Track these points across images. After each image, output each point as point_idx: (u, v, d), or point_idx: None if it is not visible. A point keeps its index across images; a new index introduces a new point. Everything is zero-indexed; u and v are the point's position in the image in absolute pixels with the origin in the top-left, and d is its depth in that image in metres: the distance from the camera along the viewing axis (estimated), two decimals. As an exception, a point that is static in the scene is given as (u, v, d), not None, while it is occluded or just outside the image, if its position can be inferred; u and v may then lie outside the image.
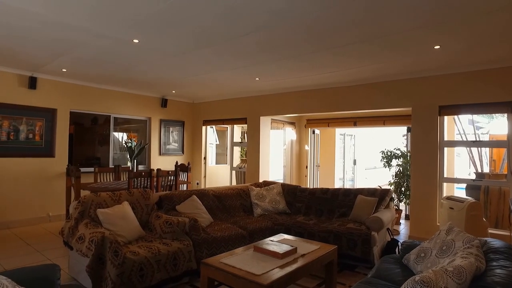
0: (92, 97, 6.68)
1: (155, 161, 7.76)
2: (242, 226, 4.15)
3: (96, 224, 3.21)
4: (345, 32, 3.53)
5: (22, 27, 3.67)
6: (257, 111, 7.38)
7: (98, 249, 2.84)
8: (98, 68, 5.44)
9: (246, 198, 4.99)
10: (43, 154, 5.97)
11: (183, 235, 3.45)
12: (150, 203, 3.85)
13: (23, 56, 4.82)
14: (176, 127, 8.32)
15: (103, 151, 7.30)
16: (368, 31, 3.49)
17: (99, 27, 3.55)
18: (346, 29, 3.43)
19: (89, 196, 3.39)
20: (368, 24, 3.30)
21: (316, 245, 3.23)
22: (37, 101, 5.91)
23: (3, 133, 5.52)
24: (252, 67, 5.08)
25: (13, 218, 5.60)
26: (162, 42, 4.02)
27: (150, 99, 7.74)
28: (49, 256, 4.18)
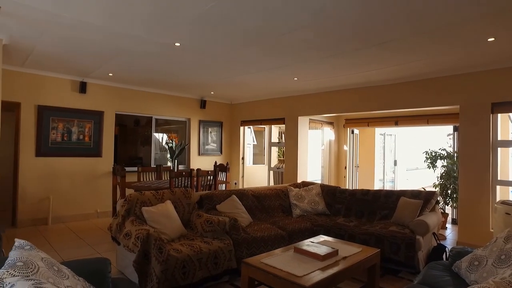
0: (135, 99, 6.99)
1: (194, 161, 7.96)
2: (281, 227, 4.14)
3: (141, 221, 3.35)
4: (395, 26, 3.36)
5: (79, 38, 3.95)
6: (295, 111, 7.33)
7: (143, 245, 2.96)
8: (141, 72, 5.68)
9: (285, 198, 4.97)
10: (92, 154, 6.34)
11: (223, 234, 3.50)
12: (191, 202, 3.95)
13: (76, 63, 5.16)
14: (215, 127, 8.48)
15: (145, 151, 7.61)
16: (419, 24, 3.29)
17: (145, 33, 3.71)
18: (396, 23, 3.26)
19: (135, 195, 3.54)
20: (421, 16, 3.11)
21: (358, 247, 3.15)
22: (87, 104, 6.28)
23: (58, 134, 5.93)
24: (292, 66, 5.05)
25: (66, 213, 6.00)
26: (203, 45, 4.11)
27: (190, 101, 7.95)
28: (98, 250, 4.42)
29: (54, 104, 5.89)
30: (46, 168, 5.81)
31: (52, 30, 3.75)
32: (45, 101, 5.81)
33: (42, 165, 5.77)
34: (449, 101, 5.16)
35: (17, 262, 1.66)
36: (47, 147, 5.83)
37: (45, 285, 1.50)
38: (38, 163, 5.74)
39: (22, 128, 5.61)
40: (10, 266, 1.61)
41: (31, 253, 1.84)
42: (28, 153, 5.65)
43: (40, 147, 5.74)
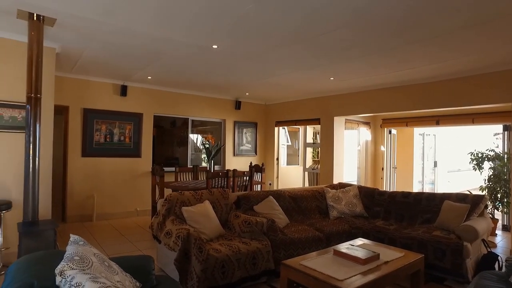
0: (173, 101, 7.19)
1: (230, 162, 8.06)
2: (319, 229, 4.09)
3: (181, 221, 3.44)
4: (442, 20, 3.19)
5: (122, 43, 4.14)
6: (330, 111, 7.22)
7: (184, 244, 3.03)
8: (178, 74, 5.84)
9: (322, 200, 4.90)
10: (132, 154, 6.60)
11: (261, 235, 3.51)
12: (229, 203, 4.00)
13: (118, 68, 5.40)
14: (249, 128, 8.54)
15: (181, 152, 7.80)
16: (470, 16, 3.08)
17: (184, 37, 3.81)
18: (444, 16, 3.09)
19: (175, 195, 3.65)
20: (473, 7, 2.91)
21: (400, 252, 3.04)
22: (127, 107, 6.55)
23: (101, 136, 6.24)
24: (328, 66, 4.98)
25: (109, 211, 6.29)
26: (239, 46, 4.15)
27: (225, 102, 8.06)
28: (139, 247, 4.59)
29: (97, 107, 6.20)
30: (90, 167, 6.12)
31: (98, 38, 3.95)
32: (89, 104, 6.13)
33: (87, 165, 6.09)
34: (500, 98, 4.84)
35: (74, 256, 1.76)
36: (92, 147, 6.14)
37: (100, 280, 1.58)
38: (84, 163, 6.06)
39: (70, 130, 5.96)
40: (69, 260, 1.71)
41: (85, 248, 1.94)
42: (75, 153, 5.99)
43: (85, 148, 6.07)
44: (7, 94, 3.94)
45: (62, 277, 1.61)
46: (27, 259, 1.88)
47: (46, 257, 1.95)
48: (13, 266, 1.83)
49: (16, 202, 3.88)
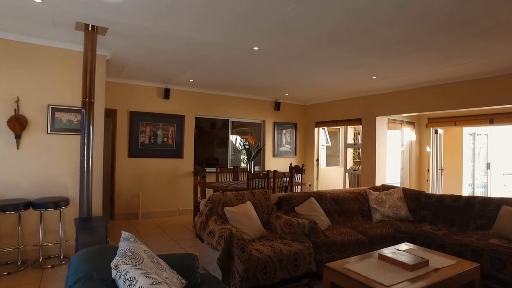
0: (213, 103, 7.35)
1: (269, 163, 8.08)
2: (362, 232, 3.99)
3: (223, 221, 3.50)
4: (500, 10, 2.96)
5: (166, 48, 4.30)
6: (372, 111, 7.01)
7: (226, 244, 3.09)
8: (219, 77, 5.96)
9: (364, 202, 4.77)
10: (174, 155, 6.83)
11: (303, 236, 3.49)
12: (270, 204, 4.01)
13: (161, 72, 5.62)
14: (289, 129, 8.52)
15: (221, 153, 7.94)
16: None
17: (226, 40, 3.89)
18: (503, 4, 2.89)
19: (217, 195, 3.72)
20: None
21: (451, 259, 2.88)
22: (170, 109, 6.79)
23: (146, 137, 6.52)
24: (371, 64, 4.84)
25: (153, 210, 6.56)
26: (281, 48, 4.16)
27: (264, 103, 8.10)
28: (183, 245, 4.74)
29: (142, 109, 6.49)
30: (136, 168, 6.42)
31: (144, 44, 4.14)
32: (135, 107, 6.43)
33: (133, 165, 6.40)
34: None
35: (127, 252, 1.85)
36: (137, 148, 6.44)
37: (152, 275, 1.65)
38: (130, 163, 6.37)
39: (118, 132, 6.29)
40: (122, 255, 1.81)
41: (136, 245, 2.04)
42: (122, 154, 6.31)
43: (131, 149, 6.37)
44: (65, 100, 4.25)
45: (117, 270, 1.71)
46: (86, 252, 2.01)
47: (102, 251, 2.08)
48: (75, 258, 1.97)
49: (73, 199, 4.17)
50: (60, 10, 3.19)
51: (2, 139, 3.95)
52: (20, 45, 4.05)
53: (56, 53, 4.23)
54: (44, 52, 4.17)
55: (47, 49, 4.18)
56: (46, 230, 4.12)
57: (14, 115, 3.97)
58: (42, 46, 4.15)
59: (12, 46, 4.01)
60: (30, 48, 4.10)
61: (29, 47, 4.09)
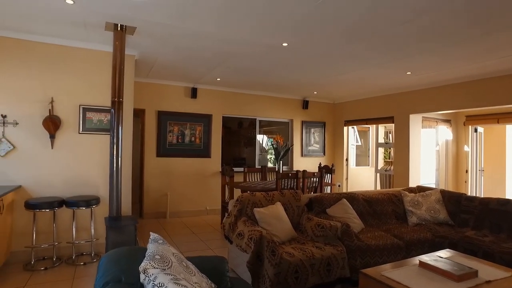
0: (240, 102, 7.28)
1: (297, 162, 7.93)
2: (397, 236, 3.77)
3: (253, 222, 3.40)
4: None
5: (193, 47, 4.27)
6: (406, 109, 6.69)
7: (256, 246, 2.99)
8: (246, 75, 5.87)
9: (399, 204, 4.53)
10: (202, 155, 6.82)
11: (335, 240, 3.33)
12: (301, 205, 3.88)
13: (189, 71, 5.61)
14: (317, 128, 8.32)
15: (248, 152, 7.86)
16: None
17: (255, 36, 3.79)
18: None
19: (246, 196, 3.63)
20: None
21: (506, 271, 2.63)
22: (197, 108, 6.78)
23: (174, 137, 6.55)
24: (405, 59, 4.59)
25: (181, 209, 6.58)
26: (311, 43, 4.01)
27: (292, 101, 7.95)
28: (211, 246, 4.69)
29: (170, 109, 6.52)
30: (164, 167, 6.46)
31: (171, 43, 4.11)
32: (163, 107, 6.47)
33: (161, 165, 6.44)
34: None
35: (155, 255, 1.79)
36: (165, 148, 6.48)
37: (181, 282, 1.58)
38: (158, 162, 6.42)
39: (146, 132, 6.35)
40: (151, 258, 1.75)
41: (164, 247, 1.98)
42: (150, 153, 6.37)
43: (159, 148, 6.42)
44: (95, 100, 4.31)
45: (145, 275, 1.64)
46: (114, 254, 1.97)
47: (131, 252, 2.03)
48: (104, 259, 1.93)
49: (103, 198, 4.22)
50: (91, 10, 3.20)
51: (38, 139, 4.06)
52: (54, 47, 4.14)
53: (87, 54, 4.29)
54: (75, 54, 4.24)
55: (78, 51, 4.25)
56: (79, 228, 4.19)
57: (49, 115, 4.06)
58: (74, 48, 4.23)
59: (46, 48, 4.10)
60: (63, 50, 4.18)
61: (62, 49, 4.18)
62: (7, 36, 3.92)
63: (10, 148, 3.93)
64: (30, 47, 4.04)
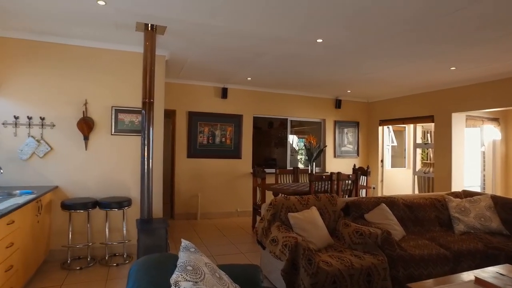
0: (271, 102, 7.13)
1: (330, 164, 7.66)
2: (443, 245, 3.46)
3: (287, 228, 3.24)
4: None
5: (224, 46, 4.17)
6: (447, 107, 6.26)
7: (291, 254, 2.82)
8: (277, 74, 5.71)
9: (442, 210, 4.19)
10: (232, 156, 6.73)
11: (375, 248, 3.10)
12: (337, 210, 3.66)
13: (219, 71, 5.53)
14: (351, 128, 8.01)
15: (279, 153, 7.69)
16: None
17: (289, 33, 3.63)
18: None
19: (280, 200, 3.47)
20: None
21: None
22: (228, 109, 6.70)
23: (204, 137, 6.51)
24: (451, 53, 4.26)
25: (211, 210, 6.52)
26: (347, 38, 3.79)
27: (324, 101, 7.69)
28: (242, 250, 4.57)
29: (201, 110, 6.48)
30: (195, 168, 6.43)
31: (203, 42, 4.03)
32: (193, 107, 6.44)
33: (192, 166, 6.41)
34: None
35: (187, 266, 1.68)
36: (196, 149, 6.45)
37: (215, 298, 1.45)
38: (189, 163, 6.40)
39: (177, 133, 6.35)
40: (182, 270, 1.64)
41: (196, 256, 1.86)
42: (181, 154, 6.36)
43: (190, 149, 6.40)
44: (126, 101, 4.32)
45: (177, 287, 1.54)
46: (145, 262, 1.88)
47: (161, 261, 1.94)
48: (134, 267, 1.85)
49: (135, 199, 4.22)
50: (122, 10, 3.17)
51: (73, 141, 4.11)
52: (87, 50, 4.18)
53: (118, 55, 4.31)
54: (107, 55, 4.27)
55: (110, 52, 4.28)
56: (111, 229, 4.21)
57: (83, 117, 4.11)
58: (106, 50, 4.25)
59: (80, 51, 4.16)
60: (95, 52, 4.22)
61: (95, 51, 4.21)
62: (43, 41, 4.00)
63: (48, 149, 4.01)
64: (64, 50, 4.10)
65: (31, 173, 3.97)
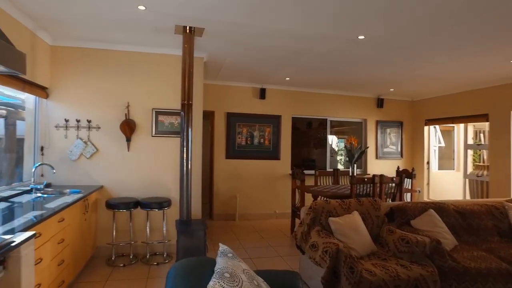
0: (310, 102, 6.98)
1: (372, 165, 7.36)
2: (505, 258, 3.14)
3: (327, 233, 3.11)
4: None
5: (262, 46, 4.13)
6: (505, 105, 5.73)
7: (332, 261, 2.70)
8: (317, 73, 5.56)
9: (502, 218, 3.82)
10: (271, 157, 6.66)
11: (423, 258, 2.88)
12: (380, 215, 3.47)
13: (257, 71, 5.50)
14: (394, 128, 7.63)
15: (318, 154, 7.52)
16: None
17: (330, 30, 3.50)
18: None
19: (320, 203, 3.35)
20: None
21: None
22: (266, 109, 6.65)
23: (242, 138, 6.51)
24: (509, 45, 3.88)
25: (250, 212, 6.50)
26: (391, 33, 3.58)
27: (366, 100, 7.40)
28: (281, 253, 4.49)
29: (239, 110, 6.49)
30: (233, 169, 6.44)
31: (241, 42, 4.01)
32: (232, 108, 6.46)
33: (230, 166, 6.43)
34: None
35: (224, 273, 1.63)
36: (234, 150, 6.46)
37: (253, 309, 1.39)
38: (227, 164, 6.43)
39: (215, 134, 6.40)
40: (219, 277, 1.60)
41: (234, 262, 1.82)
42: (220, 155, 6.41)
43: (228, 150, 6.42)
44: (166, 103, 4.41)
45: (214, 295, 1.50)
46: (182, 267, 1.86)
47: (199, 265, 1.91)
48: (172, 271, 1.84)
49: (174, 200, 4.29)
50: (161, 14, 3.22)
51: (116, 142, 4.27)
52: (129, 54, 4.32)
53: (158, 58, 4.41)
54: (148, 59, 4.38)
55: (150, 56, 4.38)
56: (152, 228, 4.31)
57: (125, 119, 4.25)
58: (146, 53, 4.37)
59: (122, 56, 4.31)
60: (136, 56, 4.35)
61: (136, 56, 4.34)
62: (89, 47, 4.19)
63: (94, 150, 4.19)
64: (108, 55, 4.27)
65: (79, 173, 4.17)
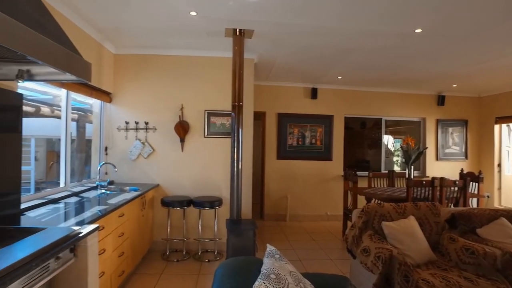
0: (363, 101, 6.72)
1: (431, 167, 6.87)
2: None
3: (380, 237, 2.97)
4: None
5: (312, 44, 4.06)
6: None
7: (385, 268, 2.56)
8: (370, 71, 5.34)
9: None
10: (323, 157, 6.53)
11: (493, 272, 2.61)
12: (440, 221, 3.22)
13: (308, 71, 5.42)
14: (457, 127, 7.05)
15: (372, 155, 7.21)
16: None
17: (382, 25, 3.35)
18: None
19: (373, 206, 3.20)
20: None
21: None
22: (317, 109, 6.53)
23: (294, 139, 6.47)
24: None
25: (300, 213, 6.44)
26: (451, 25, 3.31)
27: (425, 98, 6.93)
28: (331, 256, 4.38)
29: (290, 111, 6.45)
30: (284, 169, 6.42)
31: (290, 42, 3.98)
32: (283, 109, 6.44)
33: (281, 167, 6.42)
34: None
35: (270, 274, 1.63)
36: (285, 150, 6.44)
37: (297, 313, 1.37)
38: (278, 165, 6.42)
39: (267, 134, 6.44)
40: (265, 277, 1.60)
41: (281, 264, 1.81)
42: (271, 155, 6.42)
43: (280, 151, 6.41)
44: (217, 105, 4.53)
45: (259, 296, 1.50)
46: (230, 266, 1.90)
47: (246, 265, 1.94)
48: (220, 270, 1.89)
49: (225, 199, 4.39)
50: (212, 18, 3.31)
51: (171, 143, 4.48)
52: (182, 58, 4.51)
53: (209, 61, 4.54)
54: (199, 62, 4.54)
55: (202, 59, 4.54)
56: (204, 226, 4.46)
57: (179, 121, 4.45)
58: (198, 57, 4.53)
59: (176, 60, 4.51)
60: (188, 60, 4.53)
61: (188, 59, 4.52)
62: (146, 54, 4.46)
63: (151, 151, 4.44)
64: (163, 60, 4.50)
65: (138, 172, 4.45)
